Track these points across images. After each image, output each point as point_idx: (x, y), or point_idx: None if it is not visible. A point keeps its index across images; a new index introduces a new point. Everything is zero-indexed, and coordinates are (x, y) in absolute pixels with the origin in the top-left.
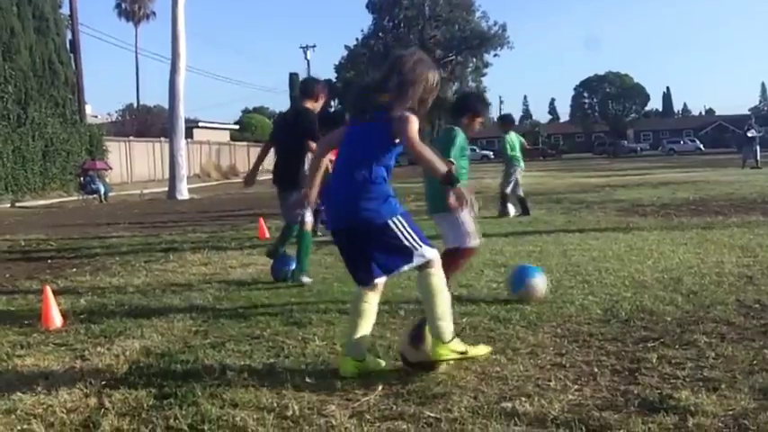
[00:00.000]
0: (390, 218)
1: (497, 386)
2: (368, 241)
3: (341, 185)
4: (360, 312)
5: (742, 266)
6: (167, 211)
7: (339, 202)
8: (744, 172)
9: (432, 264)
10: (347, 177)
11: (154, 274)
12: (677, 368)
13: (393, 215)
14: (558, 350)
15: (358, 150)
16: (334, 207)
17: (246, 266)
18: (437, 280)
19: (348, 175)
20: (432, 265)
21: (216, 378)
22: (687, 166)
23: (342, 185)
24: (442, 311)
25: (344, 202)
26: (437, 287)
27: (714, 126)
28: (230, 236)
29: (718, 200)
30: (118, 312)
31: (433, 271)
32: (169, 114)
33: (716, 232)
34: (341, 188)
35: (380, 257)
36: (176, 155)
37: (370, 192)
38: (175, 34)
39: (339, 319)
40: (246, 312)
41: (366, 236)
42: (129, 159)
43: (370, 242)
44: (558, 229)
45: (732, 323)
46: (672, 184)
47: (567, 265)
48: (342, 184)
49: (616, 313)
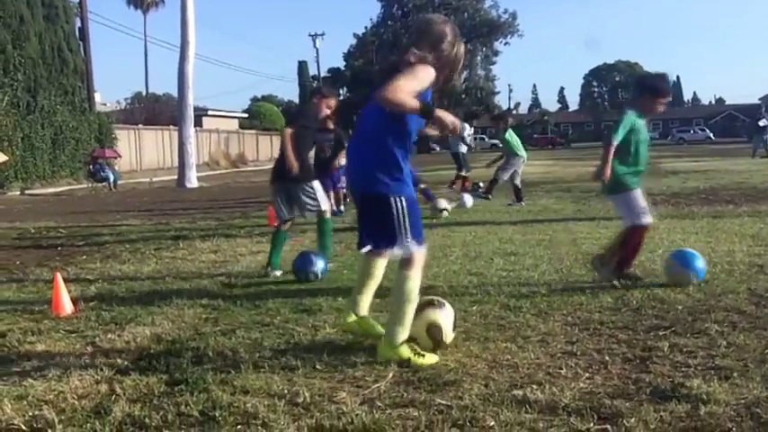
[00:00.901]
0: (395, 195)
1: (508, 374)
2: (367, 209)
3: (358, 148)
4: (366, 274)
5: (753, 255)
6: (176, 199)
7: (354, 166)
8: (754, 161)
9: (411, 264)
10: (365, 141)
11: (164, 262)
12: (689, 356)
13: (399, 194)
14: (569, 338)
15: (374, 112)
16: (350, 170)
17: (256, 254)
18: (412, 285)
19: (366, 139)
20: (411, 266)
21: (227, 365)
22: (697, 155)
23: (359, 149)
24: (404, 317)
25: (359, 167)
26: (409, 293)
27: (724, 115)
28: (239, 223)
29: (728, 189)
30: (128, 299)
31: (411, 274)
32: (178, 102)
33: (726, 221)
34: (358, 151)
35: (371, 230)
36: (185, 143)
37: (386, 162)
38: (184, 22)
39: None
40: (256, 299)
41: (367, 203)
42: (139, 147)
43: (368, 211)
44: (567, 218)
45: (743, 312)
46: (681, 173)
47: (577, 254)
48: (359, 148)
49: (627, 301)
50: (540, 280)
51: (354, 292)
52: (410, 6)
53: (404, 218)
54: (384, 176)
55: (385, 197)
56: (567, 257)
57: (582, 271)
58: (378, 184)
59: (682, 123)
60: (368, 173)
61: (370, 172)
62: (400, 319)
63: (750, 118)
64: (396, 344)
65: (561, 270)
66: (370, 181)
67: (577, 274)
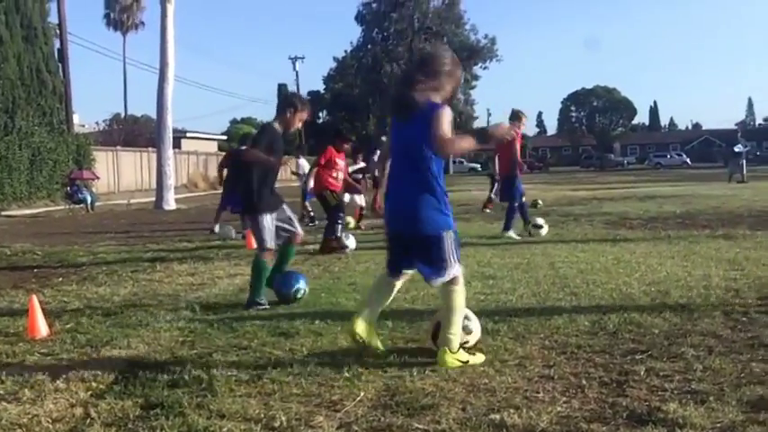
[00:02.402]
0: (444, 231)
1: (486, 398)
2: (417, 248)
3: (399, 191)
4: (380, 289)
5: (729, 279)
6: (154, 221)
7: (398, 207)
8: (730, 186)
9: (456, 281)
10: (405, 181)
11: (140, 285)
12: (665, 380)
13: (448, 229)
14: (546, 362)
15: (408, 151)
16: (393, 209)
17: (233, 277)
18: (459, 297)
19: (406, 179)
20: (456, 282)
21: (203, 389)
22: (674, 179)
23: (400, 189)
24: (456, 326)
25: (404, 207)
26: (458, 304)
27: (701, 140)
28: (217, 246)
29: (704, 213)
30: (104, 322)
31: (458, 288)
32: (157, 124)
33: (703, 245)
34: (400, 194)
35: (419, 262)
36: (164, 165)
37: (431, 200)
38: (164, 44)
39: (327, 329)
40: (233, 323)
41: (417, 243)
42: (117, 169)
43: (418, 249)
44: (545, 242)
45: (719, 336)
46: (658, 197)
47: (554, 278)
48: (400, 188)
49: (604, 325)
50: (517, 303)
51: (367, 303)
52: (390, 31)
53: (452, 249)
54: (434, 215)
55: (437, 236)
56: (545, 281)
57: (559, 294)
58: (429, 225)
59: (659, 148)
60: (418, 215)
61: (420, 214)
62: (454, 328)
63: (726, 143)
64: (455, 351)
65: (539, 294)
66: (421, 223)
67: (555, 298)
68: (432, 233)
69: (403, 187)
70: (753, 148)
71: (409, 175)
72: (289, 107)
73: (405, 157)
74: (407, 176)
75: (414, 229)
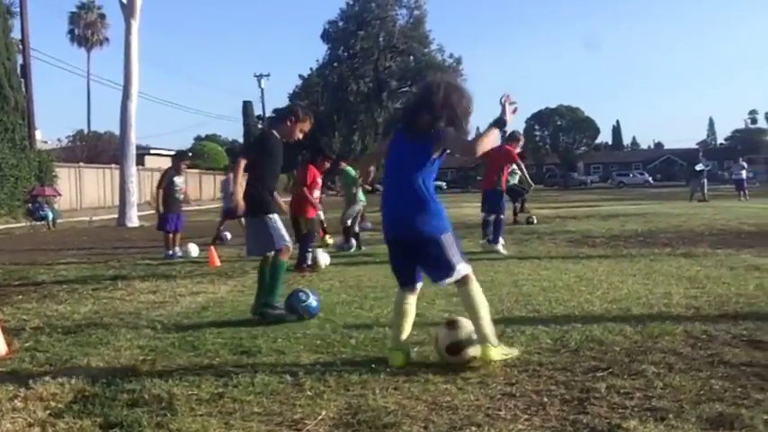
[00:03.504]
0: (442, 233)
1: (448, 416)
2: (418, 252)
3: (397, 200)
4: (403, 313)
5: (689, 297)
6: (116, 238)
7: (396, 216)
8: (691, 205)
9: (468, 279)
10: (402, 192)
11: (101, 302)
12: (626, 398)
13: (445, 232)
14: (509, 380)
15: (410, 167)
16: (391, 220)
17: (196, 295)
18: (477, 293)
19: (403, 190)
20: (468, 281)
21: (163, 408)
22: (636, 198)
23: (398, 200)
24: (486, 320)
25: (402, 216)
26: (478, 300)
27: (663, 159)
28: (180, 264)
29: (666, 232)
30: (64, 340)
31: (472, 286)
32: (120, 141)
33: (664, 264)
34: (397, 202)
35: (424, 266)
36: (127, 181)
37: (427, 207)
38: (128, 60)
39: (289, 348)
40: (195, 341)
41: (417, 247)
42: (79, 186)
43: (420, 253)
44: (509, 259)
45: (680, 353)
46: (621, 216)
47: (518, 295)
48: (398, 199)
49: (566, 343)
50: None
51: (395, 332)
52: (357, 49)
53: (453, 249)
54: (430, 219)
55: (436, 239)
56: (508, 299)
57: (522, 312)
58: (426, 229)
59: (621, 167)
60: (415, 220)
61: (418, 219)
62: (485, 324)
63: (688, 162)
64: (495, 345)
65: (502, 311)
66: (419, 228)
67: (518, 316)
68: (429, 236)
69: (400, 195)
70: (714, 167)
71: (406, 187)
72: (290, 116)
73: (403, 169)
74: (405, 188)
75: (412, 234)
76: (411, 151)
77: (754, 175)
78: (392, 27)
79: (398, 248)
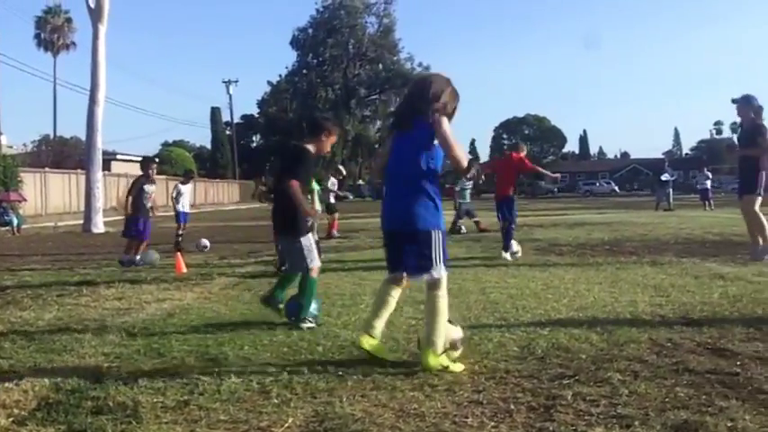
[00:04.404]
0: (433, 229)
1: (415, 423)
2: (408, 241)
3: (397, 192)
4: (384, 302)
5: (654, 305)
6: (82, 244)
7: (394, 207)
8: (657, 214)
9: (439, 285)
10: (407, 184)
11: (66, 309)
12: (591, 405)
13: (437, 228)
14: (476, 387)
15: (409, 157)
16: (389, 209)
17: (162, 301)
18: (442, 303)
19: (408, 182)
20: (439, 286)
21: (128, 415)
22: (602, 207)
23: (397, 192)
24: (440, 330)
25: (399, 206)
26: (441, 309)
27: (629, 169)
28: (146, 270)
29: (632, 241)
30: (28, 347)
31: (440, 293)
32: (86, 146)
33: (630, 272)
34: (397, 194)
35: (410, 260)
36: (93, 187)
37: (425, 202)
38: (95, 65)
39: (256, 355)
40: (161, 348)
41: (408, 237)
42: (45, 191)
43: (408, 243)
44: (477, 267)
45: (645, 361)
46: (587, 224)
47: (485, 303)
48: (397, 191)
49: (532, 350)
50: None
51: (371, 317)
52: (326, 56)
53: (439, 247)
54: (425, 213)
55: (426, 231)
56: (476, 306)
57: (490, 320)
58: (420, 221)
59: (588, 176)
60: (413, 212)
61: (415, 212)
62: (439, 332)
63: (653, 172)
64: (438, 353)
65: (469, 319)
66: (417, 218)
67: (485, 323)
68: (421, 228)
69: (400, 189)
70: (679, 177)
71: (407, 180)
72: (324, 131)
73: (403, 162)
74: (406, 182)
75: (405, 225)
76: (408, 143)
77: (719, 185)
78: (362, 35)
79: (392, 240)
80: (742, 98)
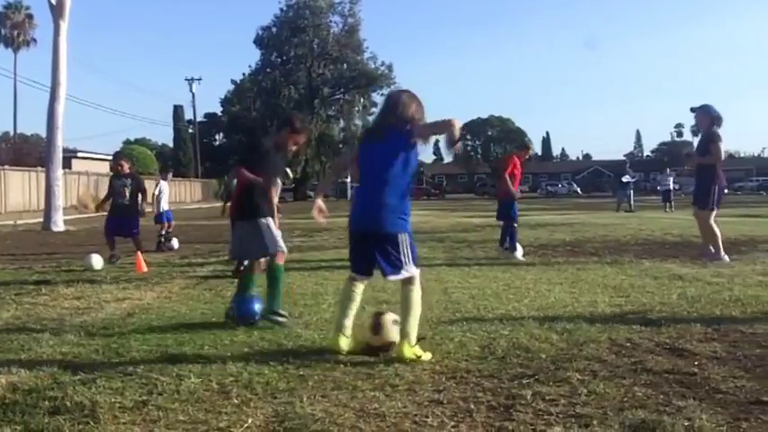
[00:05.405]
0: (401, 233)
1: (375, 423)
2: (375, 244)
3: (368, 194)
4: (349, 299)
5: (614, 306)
6: (41, 242)
7: (363, 209)
8: (618, 215)
9: (413, 281)
10: (381, 186)
11: (24, 308)
12: (551, 404)
13: (404, 231)
14: (436, 386)
15: (382, 164)
16: (359, 212)
17: (121, 301)
18: (416, 296)
19: (382, 184)
20: (413, 282)
21: (85, 415)
22: (564, 208)
23: (369, 195)
24: (414, 321)
25: (369, 210)
26: (416, 302)
27: (591, 171)
28: (105, 269)
29: (593, 241)
30: None
31: (414, 288)
32: (47, 143)
33: (590, 272)
34: (368, 197)
35: (380, 262)
36: (53, 185)
37: (394, 205)
38: (56, 62)
39: (216, 355)
40: (119, 348)
41: (376, 239)
42: (4, 189)
43: (377, 246)
44: (439, 266)
45: (604, 361)
46: (549, 225)
47: (447, 303)
48: (369, 194)
49: (493, 350)
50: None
51: (340, 317)
52: (290, 55)
53: (407, 249)
54: (397, 217)
55: (394, 235)
56: (437, 306)
57: (451, 320)
58: (392, 225)
59: (550, 177)
60: (385, 215)
61: (388, 214)
62: (413, 325)
63: (615, 173)
64: (413, 345)
65: (431, 319)
66: (386, 222)
67: (447, 323)
68: (390, 231)
69: (372, 193)
70: (640, 179)
71: (382, 182)
72: (285, 126)
73: (378, 170)
74: (381, 183)
75: (375, 227)
76: (381, 150)
77: (680, 188)
78: (326, 34)
79: (359, 241)
80: (700, 107)
